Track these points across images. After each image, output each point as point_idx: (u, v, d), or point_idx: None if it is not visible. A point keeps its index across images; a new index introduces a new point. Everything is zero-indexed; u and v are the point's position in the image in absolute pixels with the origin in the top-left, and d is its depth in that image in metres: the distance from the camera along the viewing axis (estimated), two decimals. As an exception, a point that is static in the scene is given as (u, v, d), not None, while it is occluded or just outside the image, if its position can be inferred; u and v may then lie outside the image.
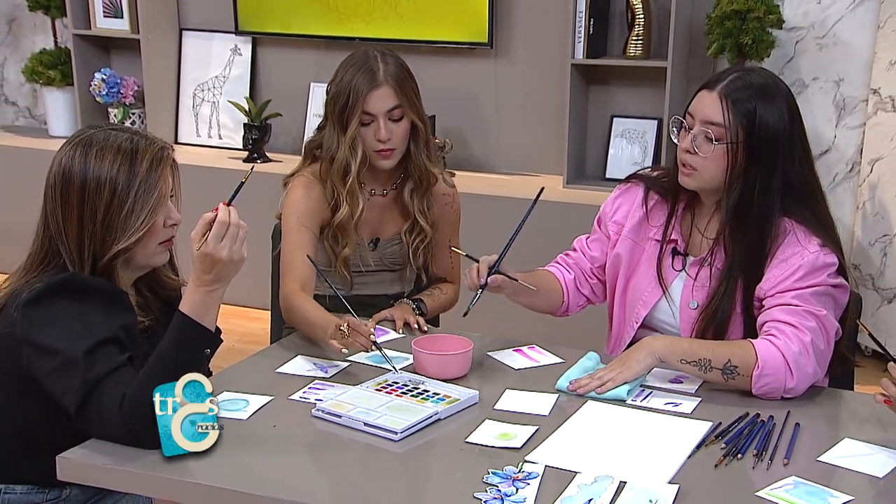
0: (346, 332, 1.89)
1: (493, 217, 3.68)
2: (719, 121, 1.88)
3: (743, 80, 1.91)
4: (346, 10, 4.24)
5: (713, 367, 1.82)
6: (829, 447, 1.65)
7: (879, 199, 3.69)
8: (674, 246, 2.03)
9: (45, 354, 1.61)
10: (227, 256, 1.59)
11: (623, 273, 2.09)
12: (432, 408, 1.73)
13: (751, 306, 1.92)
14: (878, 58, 3.66)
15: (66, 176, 1.70)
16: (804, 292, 1.85)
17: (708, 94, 1.91)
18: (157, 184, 1.71)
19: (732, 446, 1.63)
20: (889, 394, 1.64)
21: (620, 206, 2.11)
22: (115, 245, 1.69)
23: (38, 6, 4.65)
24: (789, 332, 1.81)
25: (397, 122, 2.20)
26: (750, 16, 3.57)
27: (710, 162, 1.90)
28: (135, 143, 1.72)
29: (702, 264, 1.99)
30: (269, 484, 1.54)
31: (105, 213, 1.68)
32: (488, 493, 1.47)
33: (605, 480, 1.50)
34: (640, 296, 2.05)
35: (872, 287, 3.72)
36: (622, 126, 3.99)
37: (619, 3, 3.87)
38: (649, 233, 2.06)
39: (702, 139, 1.90)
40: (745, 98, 1.89)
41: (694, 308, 1.98)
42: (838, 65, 3.78)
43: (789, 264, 1.88)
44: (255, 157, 4.29)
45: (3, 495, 1.72)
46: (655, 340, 1.89)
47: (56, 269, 1.70)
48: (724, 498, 1.51)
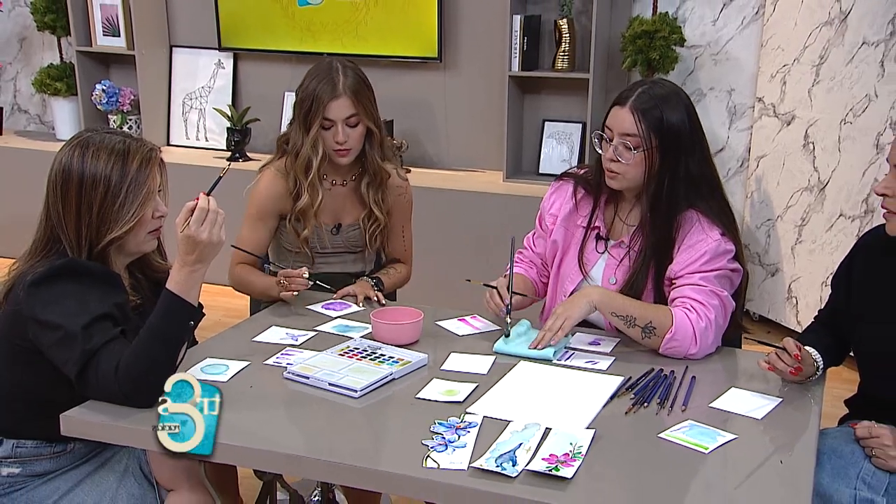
0: (285, 283, 2.05)
1: (443, 206, 3.68)
2: (635, 132, 1.89)
3: (648, 93, 1.91)
4: (316, 29, 4.21)
5: (636, 324, 1.83)
6: (719, 395, 1.67)
7: (764, 190, 3.75)
8: (597, 232, 2.04)
9: (49, 329, 1.58)
10: (207, 238, 1.58)
11: (557, 255, 2.09)
12: (387, 369, 1.73)
13: (660, 283, 1.94)
14: (762, 71, 3.71)
15: (66, 173, 1.66)
16: (709, 275, 1.87)
17: (621, 109, 1.91)
18: (146, 181, 1.68)
19: (640, 397, 1.65)
20: (777, 367, 1.67)
21: (555, 201, 2.11)
22: (108, 234, 1.66)
23: (46, 26, 4.59)
24: (699, 309, 1.83)
25: (353, 128, 2.18)
26: (657, 35, 3.60)
27: (632, 167, 1.91)
28: (127, 145, 1.69)
29: (621, 247, 2.00)
30: (247, 436, 1.53)
31: (100, 206, 1.65)
32: (434, 440, 1.48)
33: (534, 427, 1.51)
34: (569, 274, 2.06)
35: (759, 263, 3.79)
36: (552, 129, 4.00)
37: (549, 24, 3.88)
38: (577, 221, 2.06)
39: (622, 149, 1.90)
40: (652, 107, 1.89)
41: (613, 283, 1.99)
42: (730, 77, 3.83)
43: (696, 250, 1.89)
44: (237, 156, 4.25)
45: (15, 448, 1.69)
46: (594, 291, 1.89)
47: (57, 255, 1.67)
48: (633, 440, 1.53)
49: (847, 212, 3.40)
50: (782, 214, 3.66)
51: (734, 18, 3.77)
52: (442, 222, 3.69)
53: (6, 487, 1.68)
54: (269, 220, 2.27)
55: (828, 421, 1.71)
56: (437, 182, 3.89)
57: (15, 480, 1.69)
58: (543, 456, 1.42)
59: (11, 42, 4.94)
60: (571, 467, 1.38)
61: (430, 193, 3.65)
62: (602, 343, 1.92)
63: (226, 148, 4.33)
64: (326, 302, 2.15)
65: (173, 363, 1.59)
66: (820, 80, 3.45)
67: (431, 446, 1.46)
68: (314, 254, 2.30)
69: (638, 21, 3.67)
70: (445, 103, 4.16)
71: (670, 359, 1.83)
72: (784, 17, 3.58)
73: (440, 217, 3.66)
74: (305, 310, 2.10)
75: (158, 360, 1.56)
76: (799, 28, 3.51)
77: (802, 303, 3.59)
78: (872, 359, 1.75)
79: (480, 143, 4.13)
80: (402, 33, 4.07)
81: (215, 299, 2.56)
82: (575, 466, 1.39)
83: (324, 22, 4.18)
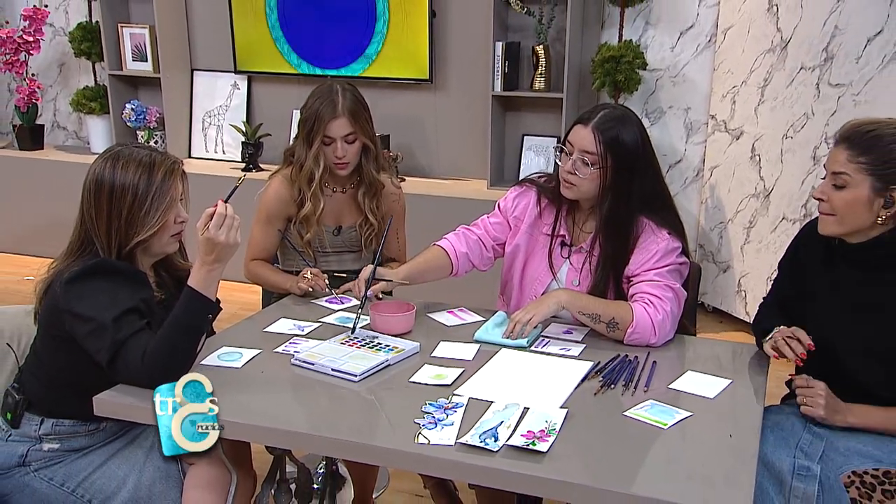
0: (310, 278, 2.08)
1: (434, 211, 3.67)
2: (593, 150, 1.86)
3: (607, 116, 1.88)
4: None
5: (601, 320, 1.83)
6: (677, 378, 1.67)
7: (717, 196, 3.76)
8: (562, 239, 2.01)
9: (82, 321, 1.57)
10: (225, 241, 1.57)
11: (521, 259, 2.06)
12: (384, 356, 1.72)
13: (618, 283, 1.93)
14: (714, 91, 3.72)
15: (99, 182, 1.65)
16: (662, 270, 1.87)
17: (583, 128, 1.88)
18: (169, 190, 1.67)
19: (608, 379, 1.65)
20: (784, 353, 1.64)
21: (519, 205, 2.08)
22: (136, 237, 1.65)
23: (82, 53, 4.59)
24: (656, 303, 1.82)
25: (351, 144, 2.18)
26: (623, 60, 3.61)
27: (587, 181, 1.89)
28: (152, 158, 1.68)
29: (581, 252, 1.99)
30: (259, 415, 1.52)
31: (128, 212, 1.64)
32: (425, 419, 1.47)
33: (513, 407, 1.51)
34: (538, 277, 2.03)
35: (712, 261, 3.80)
36: (531, 142, 4.00)
37: (527, 50, 3.88)
38: (542, 228, 2.04)
39: (580, 164, 1.88)
40: (610, 128, 1.86)
41: (577, 286, 1.97)
42: (686, 97, 3.84)
43: (648, 251, 1.88)
44: (251, 167, 4.23)
45: (55, 427, 1.68)
46: (562, 292, 1.87)
47: (90, 255, 1.65)
48: (601, 417, 1.52)
49: (789, 215, 3.41)
50: (732, 218, 3.68)
51: (690, 45, 3.78)
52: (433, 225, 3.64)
53: (48, 461, 1.67)
54: (277, 223, 2.26)
55: (771, 400, 1.71)
56: (429, 189, 3.89)
57: (55, 455, 1.68)
58: (522, 432, 1.41)
59: (52, 67, 4.91)
60: (547, 442, 1.38)
61: (423, 200, 3.64)
62: (574, 332, 1.91)
63: (241, 160, 4.32)
64: (329, 297, 2.14)
65: (194, 351, 1.59)
66: (765, 100, 3.46)
67: (423, 424, 1.45)
68: (316, 253, 2.29)
69: (606, 47, 3.68)
70: (436, 120, 4.16)
71: (634, 346, 1.82)
72: (733, 45, 3.59)
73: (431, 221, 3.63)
74: (311, 304, 2.09)
75: (180, 348, 1.56)
76: (746, 54, 3.52)
77: (751, 296, 3.60)
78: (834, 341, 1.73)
79: (467, 155, 4.12)
80: (397, 58, 4.06)
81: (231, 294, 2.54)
82: (550, 441, 1.39)
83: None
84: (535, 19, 3.73)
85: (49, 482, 1.65)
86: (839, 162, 1.60)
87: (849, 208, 1.59)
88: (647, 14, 3.80)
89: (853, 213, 1.59)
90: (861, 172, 1.57)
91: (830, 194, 1.62)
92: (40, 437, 1.68)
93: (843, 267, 1.67)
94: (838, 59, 3.14)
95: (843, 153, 1.59)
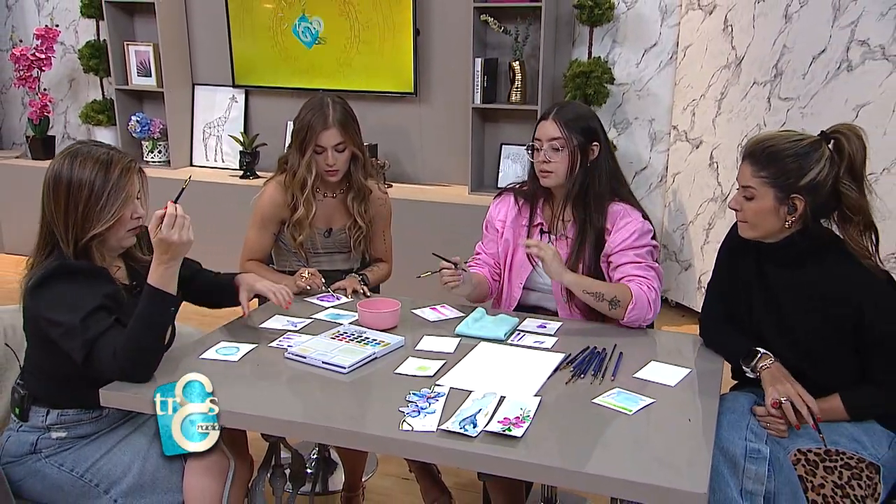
0: (307, 277, 2.09)
1: (418, 215, 3.67)
2: (559, 135, 1.94)
3: (566, 108, 1.98)
4: (313, 70, 4.17)
5: (605, 298, 1.84)
6: (641, 367, 1.68)
7: (679, 200, 3.78)
8: (540, 227, 2.04)
9: (53, 325, 1.54)
10: (178, 239, 1.54)
11: (509, 252, 2.09)
12: (371, 350, 1.72)
13: (596, 264, 1.95)
14: (676, 104, 3.74)
15: (57, 178, 1.61)
16: (642, 251, 1.90)
17: (546, 122, 1.97)
18: (125, 186, 1.61)
19: (578, 370, 1.65)
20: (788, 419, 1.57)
21: (501, 209, 2.11)
22: (91, 230, 1.60)
23: (91, 69, 4.54)
24: (646, 283, 1.86)
25: (341, 153, 2.17)
26: (592, 75, 3.62)
27: (560, 164, 1.95)
28: (110, 156, 1.62)
29: (562, 239, 2.01)
30: (255, 405, 1.52)
31: (84, 206, 1.59)
32: (409, 407, 1.47)
33: (491, 396, 1.50)
34: (522, 265, 2.06)
35: (675, 260, 3.81)
36: (508, 150, 4.00)
37: (504, 65, 3.87)
38: (522, 222, 2.07)
39: (551, 152, 1.94)
40: (567, 112, 1.96)
41: None
42: (650, 109, 3.86)
43: (626, 230, 1.91)
44: (248, 174, 4.19)
45: (60, 416, 1.65)
46: (569, 274, 1.87)
47: (54, 253, 1.61)
48: (572, 405, 1.53)
49: (744, 217, 3.43)
50: (693, 220, 3.70)
51: (653, 62, 3.80)
52: (418, 228, 3.67)
53: (58, 448, 1.65)
54: (271, 226, 2.24)
55: (727, 386, 1.72)
56: (414, 195, 3.87)
57: (64, 442, 1.65)
58: (499, 419, 1.41)
59: (62, 82, 4.86)
60: (521, 428, 1.38)
61: (408, 204, 3.63)
62: (547, 326, 1.91)
63: (239, 168, 4.27)
64: (321, 294, 2.13)
65: (161, 343, 1.57)
66: (721, 112, 3.49)
67: (407, 412, 1.45)
68: (308, 253, 2.27)
69: (577, 63, 3.69)
70: (420, 130, 4.15)
71: (601, 336, 1.82)
72: (692, 62, 3.61)
73: (416, 223, 3.64)
74: (303, 301, 2.08)
75: (147, 342, 1.54)
76: (704, 70, 3.54)
77: (709, 291, 3.62)
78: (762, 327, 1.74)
79: (449, 163, 4.11)
80: (383, 73, 4.04)
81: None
82: (524, 427, 1.39)
83: (320, 63, 4.15)
84: (512, 37, 3.73)
85: (59, 468, 1.63)
86: (745, 176, 1.64)
87: (758, 216, 1.64)
88: (615, 33, 3.81)
89: (763, 220, 1.64)
90: (764, 185, 1.61)
91: (742, 204, 1.66)
92: (48, 426, 1.65)
93: (765, 262, 1.70)
94: (787, 76, 3.17)
95: (748, 168, 1.63)
